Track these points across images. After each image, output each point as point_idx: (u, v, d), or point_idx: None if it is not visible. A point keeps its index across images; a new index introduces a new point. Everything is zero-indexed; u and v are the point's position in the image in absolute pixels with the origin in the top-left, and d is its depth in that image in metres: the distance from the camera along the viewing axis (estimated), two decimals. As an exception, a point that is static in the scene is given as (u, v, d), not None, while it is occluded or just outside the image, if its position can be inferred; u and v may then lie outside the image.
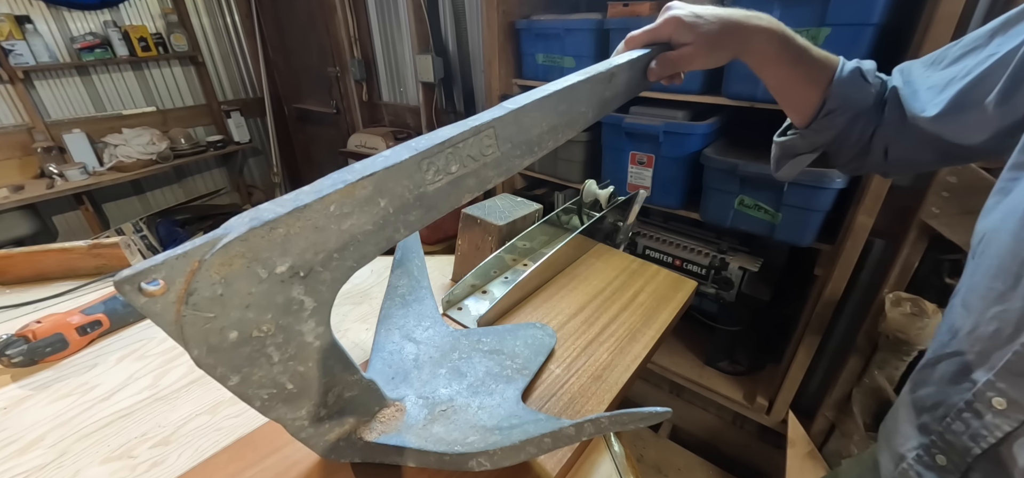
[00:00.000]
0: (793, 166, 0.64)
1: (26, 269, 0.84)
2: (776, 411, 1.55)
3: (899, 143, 0.55)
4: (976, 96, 0.44)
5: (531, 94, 0.44)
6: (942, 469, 0.43)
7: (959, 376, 0.41)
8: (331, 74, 2.94)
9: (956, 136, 0.47)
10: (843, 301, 1.30)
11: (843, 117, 0.56)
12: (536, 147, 0.45)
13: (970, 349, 0.41)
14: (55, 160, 2.56)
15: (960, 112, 0.46)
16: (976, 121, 0.44)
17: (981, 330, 0.40)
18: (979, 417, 0.39)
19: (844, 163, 0.62)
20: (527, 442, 0.40)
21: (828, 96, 0.55)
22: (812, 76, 0.56)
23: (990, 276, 0.39)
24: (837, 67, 0.55)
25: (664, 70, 0.55)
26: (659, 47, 0.56)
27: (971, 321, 0.41)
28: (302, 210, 0.31)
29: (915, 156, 0.55)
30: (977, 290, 0.40)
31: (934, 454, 0.44)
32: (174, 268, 0.28)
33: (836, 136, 0.58)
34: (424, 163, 0.37)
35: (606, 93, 0.52)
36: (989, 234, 0.40)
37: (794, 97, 0.58)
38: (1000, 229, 0.39)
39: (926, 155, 0.54)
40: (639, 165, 1.49)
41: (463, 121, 0.39)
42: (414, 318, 0.65)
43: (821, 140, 0.59)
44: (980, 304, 0.40)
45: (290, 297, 0.34)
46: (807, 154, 0.62)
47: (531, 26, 1.64)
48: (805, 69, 0.55)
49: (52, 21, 2.58)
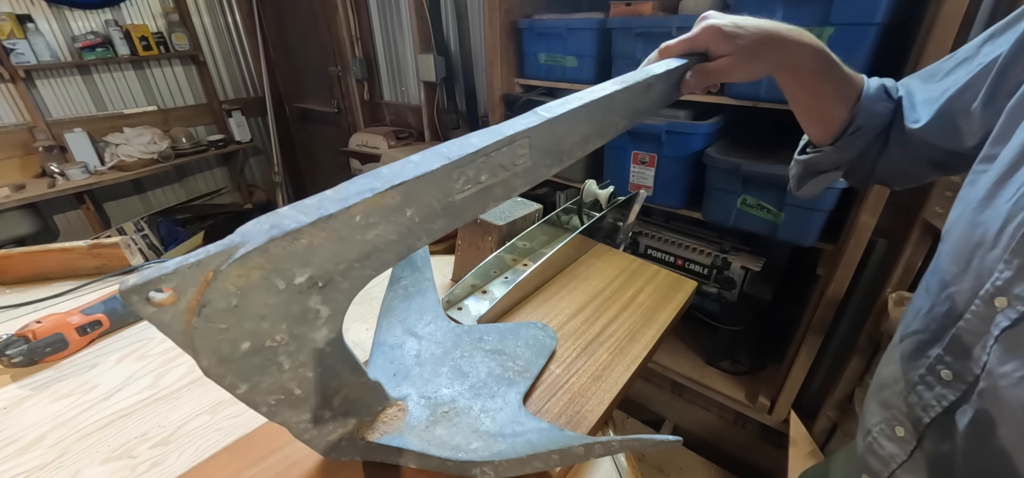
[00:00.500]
0: (817, 184, 0.64)
1: (26, 269, 0.84)
2: (778, 411, 1.54)
3: (899, 156, 0.56)
4: (963, 102, 0.46)
5: (566, 102, 0.42)
6: (901, 440, 0.46)
7: (917, 353, 0.44)
8: (332, 73, 2.93)
9: (947, 142, 0.49)
10: (845, 301, 1.30)
11: (870, 134, 0.56)
12: (566, 156, 0.43)
13: (927, 328, 0.44)
14: (56, 159, 2.56)
15: (950, 119, 0.48)
16: (964, 127, 0.46)
17: (937, 310, 0.43)
18: (930, 388, 0.42)
19: (858, 179, 0.63)
20: (534, 457, 0.40)
21: (856, 113, 0.55)
22: (842, 92, 0.56)
23: (948, 260, 0.42)
24: (863, 84, 0.56)
25: (701, 82, 0.54)
26: (696, 58, 0.54)
27: (929, 302, 0.44)
28: (326, 220, 0.30)
29: (911, 167, 0.57)
30: (937, 274, 0.44)
31: (894, 426, 0.47)
32: (186, 278, 0.27)
33: (860, 152, 0.58)
34: (455, 172, 0.35)
35: (640, 104, 0.50)
36: (951, 222, 0.43)
37: (823, 113, 0.58)
38: (960, 217, 0.42)
39: (921, 166, 0.55)
40: (641, 164, 1.49)
41: (494, 128, 0.38)
42: (416, 312, 0.65)
43: (847, 157, 0.59)
44: (937, 286, 0.43)
45: (306, 307, 0.32)
46: (831, 171, 0.62)
47: (533, 25, 1.63)
48: (837, 85, 0.55)
49: (53, 20, 2.58)
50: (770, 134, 1.40)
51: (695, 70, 0.54)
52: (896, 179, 0.60)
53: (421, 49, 2.25)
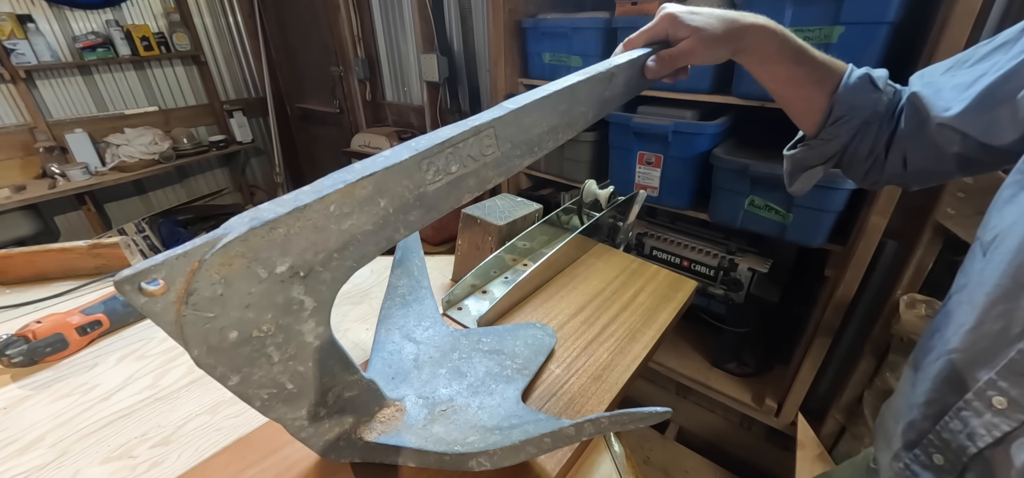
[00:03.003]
0: (806, 179, 0.64)
1: (26, 269, 0.83)
2: (785, 413, 1.53)
3: (919, 152, 0.53)
4: (1007, 90, 0.42)
5: (531, 94, 0.44)
6: (939, 468, 0.43)
7: (959, 373, 0.40)
8: (334, 73, 2.93)
9: (984, 134, 0.45)
10: (854, 303, 1.28)
11: (851, 124, 0.55)
12: (536, 147, 0.46)
13: (973, 346, 0.40)
14: (57, 160, 2.55)
15: (989, 108, 0.44)
16: (1007, 117, 0.42)
17: (986, 327, 0.39)
18: (978, 415, 0.38)
19: (861, 176, 0.60)
20: (527, 442, 0.40)
21: (835, 102, 0.55)
22: (815, 77, 0.55)
23: (1000, 273, 0.38)
24: (845, 73, 0.55)
25: (662, 68, 0.55)
26: (658, 46, 0.57)
27: (975, 317, 0.40)
28: (302, 210, 0.31)
29: (936, 165, 0.53)
30: (985, 286, 0.39)
31: (931, 453, 0.43)
32: (174, 268, 0.28)
33: (846, 145, 0.57)
34: (424, 163, 0.37)
35: (606, 93, 0.52)
36: (1003, 231, 0.39)
37: (799, 100, 0.58)
38: (1016, 225, 0.38)
39: (948, 164, 0.51)
40: (647, 165, 1.48)
41: (463, 121, 0.39)
42: (414, 318, 0.65)
43: (830, 150, 0.58)
44: (986, 301, 0.39)
45: (290, 297, 0.34)
46: (818, 166, 0.61)
47: (538, 25, 1.62)
48: (807, 69, 0.55)
49: (54, 20, 2.58)
50: (778, 134, 1.39)
51: (657, 56, 0.56)
52: (915, 178, 0.57)
53: (424, 49, 2.25)
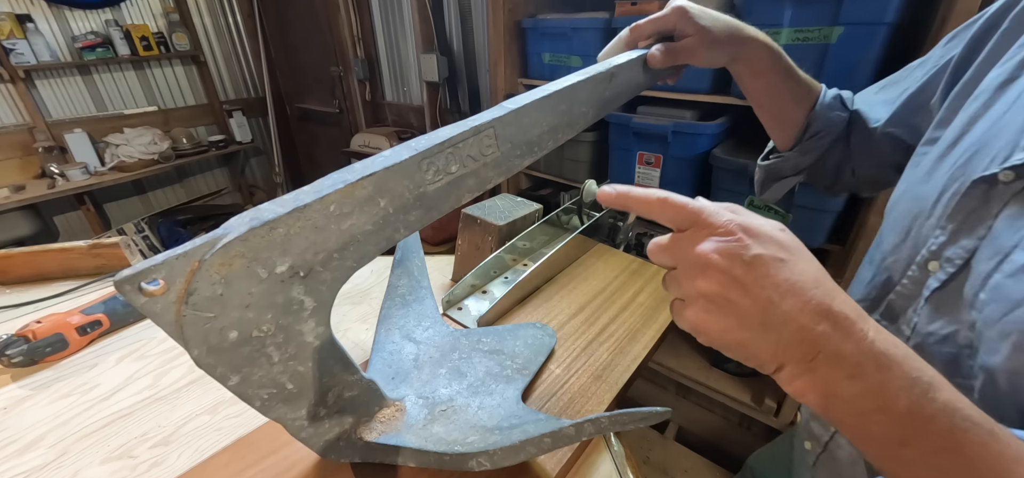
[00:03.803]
0: (779, 188, 0.68)
1: (26, 269, 0.83)
2: (784, 413, 1.53)
3: (865, 162, 0.60)
4: (923, 99, 0.50)
5: (531, 94, 0.44)
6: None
7: None
8: (334, 73, 2.93)
9: (911, 137, 0.52)
10: (853, 303, 1.29)
11: (825, 140, 0.60)
12: (536, 147, 0.46)
13: (866, 297, 0.46)
14: (56, 160, 2.55)
15: (910, 115, 0.52)
16: (923, 123, 0.48)
17: (876, 279, 0.45)
18: None
19: (826, 186, 0.66)
20: (527, 442, 0.40)
21: (812, 118, 0.60)
22: (798, 95, 0.60)
23: (890, 233, 0.45)
24: (820, 92, 0.60)
25: (665, 59, 0.56)
26: (663, 39, 0.58)
27: (871, 272, 0.47)
28: (302, 210, 0.31)
29: (879, 173, 0.60)
30: (879, 247, 0.47)
31: None
32: (174, 268, 0.28)
33: (818, 159, 0.62)
34: (424, 163, 0.37)
35: (606, 93, 0.52)
36: (894, 199, 0.47)
37: (781, 113, 0.62)
38: (903, 194, 0.45)
39: (888, 171, 0.57)
40: (647, 165, 1.48)
41: (463, 121, 0.39)
42: (414, 318, 0.65)
43: (805, 162, 0.63)
44: (879, 257, 0.46)
45: (290, 297, 0.34)
46: (792, 176, 0.66)
47: (537, 25, 1.62)
48: (793, 86, 0.59)
49: (53, 20, 2.57)
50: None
51: (665, 46, 0.57)
52: (866, 186, 0.64)
53: (424, 49, 2.25)
